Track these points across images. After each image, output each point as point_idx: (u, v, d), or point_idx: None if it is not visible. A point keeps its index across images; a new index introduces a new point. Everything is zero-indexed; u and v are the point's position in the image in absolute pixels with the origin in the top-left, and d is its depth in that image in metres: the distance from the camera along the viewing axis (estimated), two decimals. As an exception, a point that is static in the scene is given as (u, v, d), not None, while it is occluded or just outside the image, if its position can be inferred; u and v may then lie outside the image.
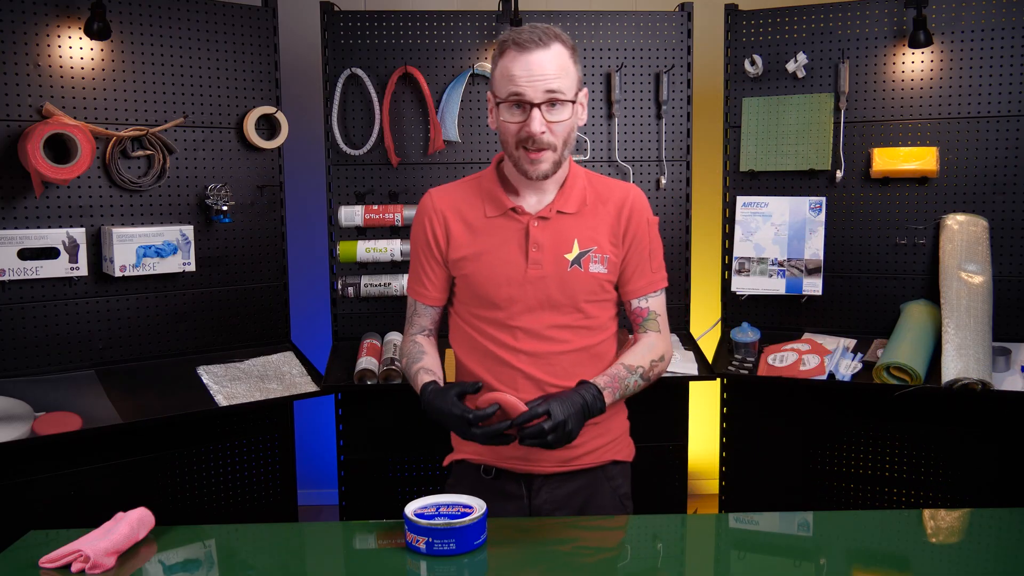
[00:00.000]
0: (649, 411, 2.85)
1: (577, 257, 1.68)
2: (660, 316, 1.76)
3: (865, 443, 2.79)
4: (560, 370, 1.69)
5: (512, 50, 1.59)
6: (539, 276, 1.67)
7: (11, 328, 2.40)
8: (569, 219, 1.69)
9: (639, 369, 1.67)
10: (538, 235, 1.67)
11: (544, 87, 1.57)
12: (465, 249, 1.70)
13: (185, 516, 2.63)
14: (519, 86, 1.58)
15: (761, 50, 2.88)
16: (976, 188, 2.71)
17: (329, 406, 2.99)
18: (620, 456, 1.79)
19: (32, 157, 2.27)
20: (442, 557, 1.45)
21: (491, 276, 1.68)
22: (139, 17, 2.55)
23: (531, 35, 1.58)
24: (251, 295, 2.82)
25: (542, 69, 1.57)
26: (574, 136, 1.68)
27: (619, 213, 1.71)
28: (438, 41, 2.86)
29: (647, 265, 1.74)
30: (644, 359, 1.69)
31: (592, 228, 1.70)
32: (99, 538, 1.48)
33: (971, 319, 2.52)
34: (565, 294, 1.68)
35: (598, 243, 1.69)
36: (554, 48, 1.59)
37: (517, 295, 1.67)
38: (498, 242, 1.69)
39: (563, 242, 1.68)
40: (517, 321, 1.68)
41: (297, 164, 3.36)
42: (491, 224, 1.70)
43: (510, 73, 1.59)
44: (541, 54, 1.57)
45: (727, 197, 2.96)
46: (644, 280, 1.74)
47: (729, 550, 1.64)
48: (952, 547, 1.59)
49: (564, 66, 1.60)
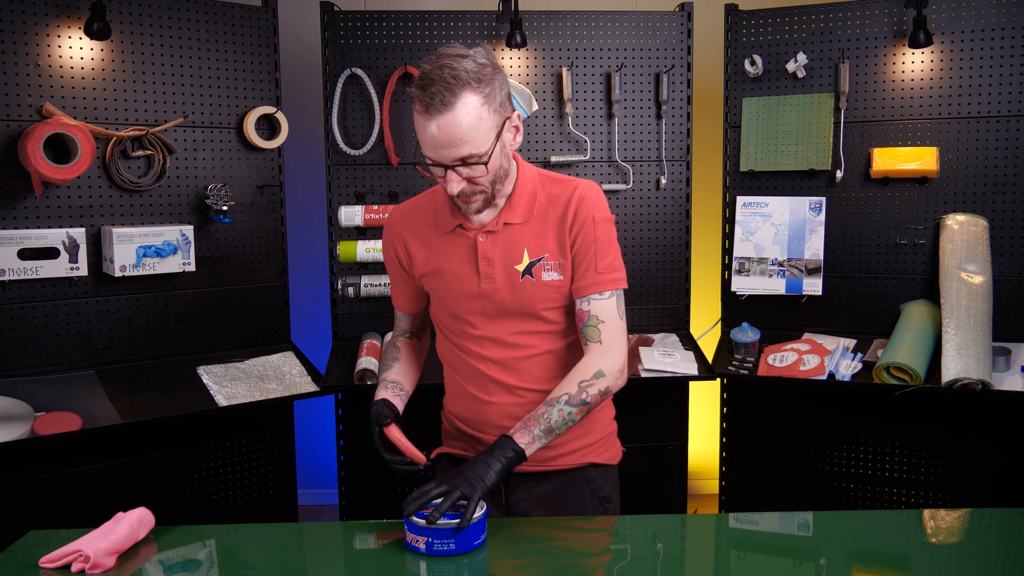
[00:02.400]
0: (649, 411, 2.86)
1: (528, 267, 1.64)
2: (604, 323, 1.63)
3: (865, 443, 2.79)
4: (528, 375, 1.69)
5: (418, 111, 1.49)
6: (492, 290, 1.65)
7: (11, 328, 2.40)
8: (517, 229, 1.65)
9: (563, 397, 1.58)
10: (486, 249, 1.65)
11: (452, 155, 1.50)
12: (425, 266, 1.72)
13: (185, 516, 2.63)
14: (431, 154, 1.52)
15: (761, 50, 2.88)
16: (976, 188, 2.71)
17: (329, 406, 2.99)
18: (601, 459, 1.77)
19: (32, 157, 2.27)
20: (442, 557, 1.45)
21: (449, 291, 1.69)
22: (139, 17, 2.55)
23: (435, 94, 1.46)
24: (251, 295, 2.82)
25: (447, 137, 1.48)
26: (507, 165, 1.60)
27: (565, 211, 1.64)
28: (438, 41, 2.86)
29: (591, 263, 1.63)
30: (570, 384, 1.60)
31: (541, 235, 1.65)
32: (99, 538, 1.48)
33: (971, 319, 2.52)
34: (521, 304, 1.65)
35: (548, 250, 1.64)
36: (460, 106, 1.47)
37: (476, 308, 1.68)
38: (452, 258, 1.68)
39: (512, 254, 1.65)
40: (481, 331, 1.69)
41: (297, 164, 3.36)
42: (445, 240, 1.69)
43: (422, 136, 1.51)
44: (445, 119, 1.47)
45: (727, 197, 2.96)
46: (587, 280, 1.64)
47: (729, 550, 1.64)
48: (952, 547, 1.59)
49: (473, 123, 1.48)
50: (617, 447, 1.83)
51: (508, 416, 1.69)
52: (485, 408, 1.71)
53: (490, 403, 1.70)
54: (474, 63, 1.50)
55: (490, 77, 1.51)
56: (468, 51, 1.52)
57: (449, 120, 1.47)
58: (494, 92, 1.52)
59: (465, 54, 1.51)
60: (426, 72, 1.49)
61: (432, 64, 1.49)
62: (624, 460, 1.84)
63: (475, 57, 1.51)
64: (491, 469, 1.51)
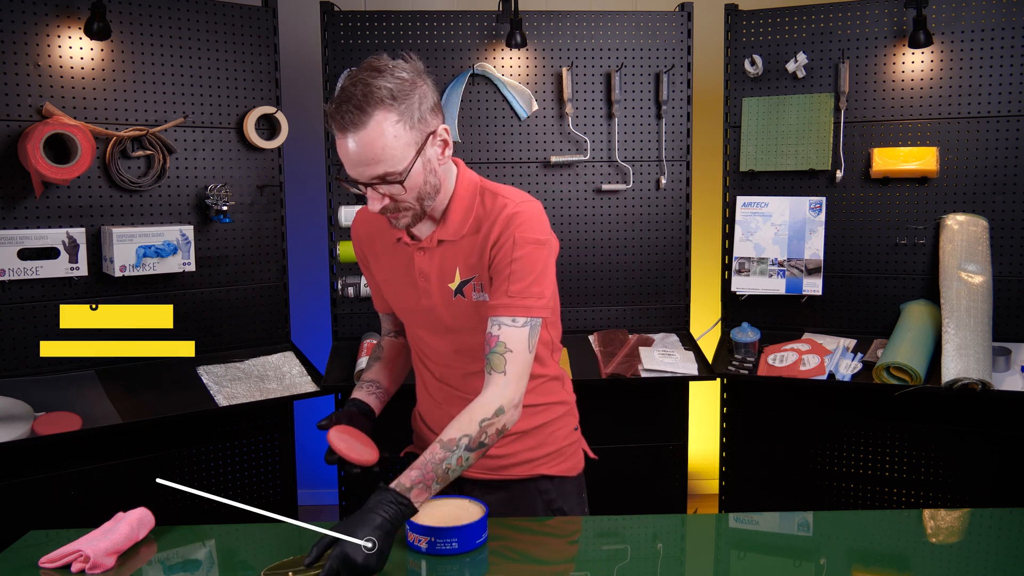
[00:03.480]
0: (649, 411, 2.86)
1: (459, 286, 1.59)
2: (512, 353, 1.50)
3: (865, 443, 2.79)
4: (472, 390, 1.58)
5: (335, 129, 1.45)
6: (430, 306, 1.62)
7: (11, 328, 2.40)
8: (450, 246, 1.59)
9: (463, 440, 1.46)
10: (423, 265, 1.61)
11: (368, 173, 1.45)
12: (380, 274, 1.73)
13: (185, 516, 2.62)
14: (349, 171, 1.47)
15: (761, 50, 2.88)
16: (976, 188, 2.71)
17: (329, 406, 2.99)
18: (554, 471, 1.71)
19: (32, 157, 2.27)
20: (444, 556, 1.45)
21: (396, 302, 1.71)
22: (139, 17, 2.55)
23: (346, 112, 1.41)
24: (251, 295, 2.82)
25: (360, 156, 1.43)
26: (435, 180, 1.53)
27: (490, 232, 1.55)
28: (438, 41, 2.86)
29: (503, 285, 1.52)
30: (470, 425, 1.48)
31: (474, 253, 1.57)
32: (99, 538, 1.48)
33: (971, 319, 2.52)
34: (457, 322, 1.61)
35: (478, 271, 1.57)
36: (372, 124, 1.41)
37: (420, 320, 1.67)
38: (397, 270, 1.67)
39: (447, 271, 1.60)
40: (428, 343, 1.68)
41: (297, 164, 3.36)
42: (392, 251, 1.68)
43: (339, 152, 1.47)
44: (358, 137, 1.42)
45: (727, 197, 2.96)
46: (497, 299, 1.52)
47: (729, 550, 1.64)
48: (952, 547, 1.59)
49: (386, 142, 1.43)
50: (578, 458, 1.77)
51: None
52: (440, 413, 1.70)
53: (446, 409, 1.68)
54: (392, 78, 1.43)
55: (407, 92, 1.44)
56: (390, 63, 1.46)
57: (362, 138, 1.42)
58: (411, 108, 1.44)
59: (383, 68, 1.44)
60: (343, 89, 1.44)
61: (349, 80, 1.44)
62: (624, 460, 1.84)
63: (394, 71, 1.45)
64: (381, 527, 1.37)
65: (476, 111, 2.89)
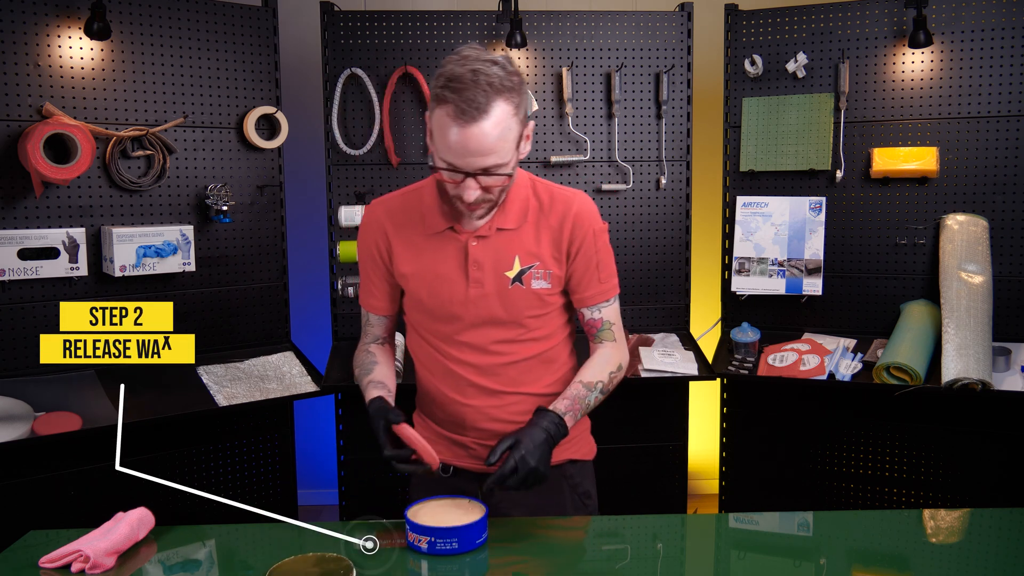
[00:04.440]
0: (649, 411, 2.86)
1: (518, 274, 1.62)
2: (615, 325, 1.71)
3: (865, 443, 2.79)
4: (507, 380, 1.68)
5: (449, 115, 1.43)
6: (480, 295, 1.63)
7: (11, 328, 2.40)
8: (509, 235, 1.62)
9: (598, 384, 1.66)
10: (477, 254, 1.62)
11: (477, 164, 1.46)
12: (408, 266, 1.68)
13: (185, 516, 2.62)
14: (453, 160, 1.46)
15: (761, 50, 2.88)
16: (976, 188, 2.72)
17: (329, 406, 2.99)
18: (578, 455, 1.77)
19: (32, 157, 2.27)
20: (444, 556, 1.45)
21: (434, 295, 1.66)
22: (139, 17, 2.55)
23: (471, 99, 1.41)
24: (251, 295, 2.82)
25: (479, 145, 1.43)
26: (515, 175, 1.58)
27: (561, 225, 1.63)
28: (438, 41, 2.86)
29: (595, 275, 1.67)
30: (603, 373, 1.67)
31: (533, 243, 1.63)
32: (99, 538, 1.48)
33: (971, 319, 2.52)
34: (508, 311, 1.64)
35: (540, 258, 1.63)
36: (495, 112, 1.42)
37: (460, 313, 1.65)
38: (439, 261, 1.65)
39: (503, 259, 1.62)
40: (462, 336, 1.67)
41: (297, 164, 3.36)
42: (432, 242, 1.65)
43: (446, 140, 1.45)
44: (479, 127, 1.42)
45: (727, 197, 2.96)
46: (594, 290, 1.68)
47: (729, 550, 1.64)
48: (952, 547, 1.59)
49: (503, 133, 1.45)
50: (592, 443, 1.83)
51: (485, 418, 1.68)
52: (461, 410, 1.70)
53: (467, 405, 1.69)
54: (503, 71, 1.45)
55: (519, 86, 1.47)
56: (493, 56, 1.47)
57: (483, 127, 1.42)
58: (522, 102, 1.49)
59: (494, 60, 1.45)
60: (458, 75, 1.42)
61: (462, 67, 1.43)
62: (624, 460, 1.85)
63: (504, 64, 1.46)
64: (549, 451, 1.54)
65: (476, 111, 2.89)
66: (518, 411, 1.67)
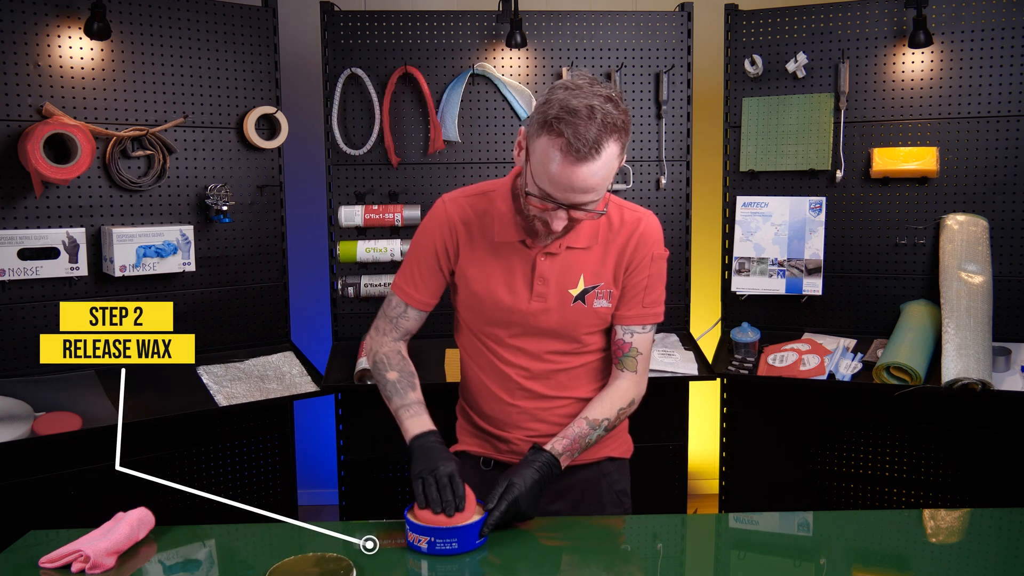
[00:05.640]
0: (649, 411, 2.84)
1: (582, 293, 1.64)
2: (641, 355, 1.69)
3: (865, 443, 2.79)
4: (556, 384, 1.70)
5: (559, 148, 1.39)
6: (542, 309, 1.64)
7: (11, 328, 2.40)
8: (578, 254, 1.64)
9: (603, 423, 1.65)
10: (544, 270, 1.63)
11: (577, 200, 1.45)
12: (472, 269, 1.67)
13: (185, 516, 2.62)
14: (551, 190, 1.45)
15: (761, 50, 2.88)
16: (976, 188, 2.71)
17: (329, 406, 2.99)
18: (616, 453, 1.80)
19: (32, 157, 2.27)
20: (443, 556, 1.45)
21: (494, 300, 1.66)
22: (139, 17, 2.55)
23: (585, 138, 1.37)
24: (251, 295, 2.82)
25: (583, 183, 1.42)
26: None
27: (626, 244, 1.65)
28: (438, 41, 2.86)
29: (639, 297, 1.67)
30: (611, 410, 1.66)
31: (600, 263, 1.65)
32: (99, 538, 1.48)
33: (971, 319, 2.52)
34: (566, 327, 1.66)
35: (604, 278, 1.65)
36: (605, 153, 1.40)
37: (518, 322, 1.66)
38: (504, 270, 1.65)
39: (569, 277, 1.64)
40: (517, 341, 1.68)
41: (297, 164, 3.36)
42: (499, 249, 1.64)
43: (548, 171, 1.42)
44: (588, 167, 1.40)
45: (727, 197, 2.96)
46: (633, 311, 1.68)
47: (729, 550, 1.64)
48: (952, 547, 1.59)
49: (608, 174, 1.44)
50: (629, 441, 1.85)
51: (531, 418, 1.70)
52: (508, 409, 1.71)
53: (514, 406, 1.71)
54: (616, 108, 1.42)
55: (628, 124, 1.46)
56: (607, 90, 1.43)
57: (591, 168, 1.41)
58: (626, 141, 1.46)
59: (609, 95, 1.42)
60: (574, 108, 1.39)
61: (577, 99, 1.39)
62: (624, 460, 1.85)
63: (617, 101, 1.43)
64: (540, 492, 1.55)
65: (476, 111, 2.89)
66: (563, 414, 1.70)
